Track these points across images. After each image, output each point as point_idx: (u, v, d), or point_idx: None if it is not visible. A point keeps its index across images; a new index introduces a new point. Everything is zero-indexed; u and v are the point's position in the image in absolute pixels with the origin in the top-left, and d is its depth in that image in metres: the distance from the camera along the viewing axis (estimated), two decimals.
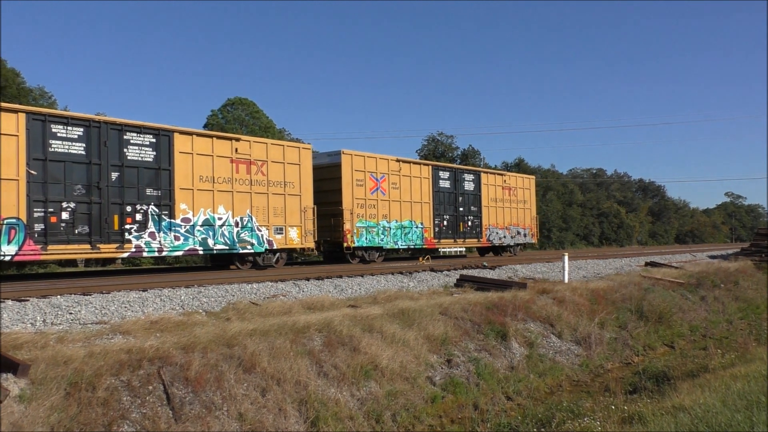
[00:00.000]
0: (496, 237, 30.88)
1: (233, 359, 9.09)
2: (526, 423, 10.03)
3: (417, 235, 26.00)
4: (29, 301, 11.40)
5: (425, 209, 26.60)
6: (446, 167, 28.61)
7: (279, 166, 20.53)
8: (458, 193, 28.60)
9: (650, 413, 8.60)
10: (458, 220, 28.51)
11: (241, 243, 19.25)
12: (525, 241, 33.35)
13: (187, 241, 17.85)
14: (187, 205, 17.93)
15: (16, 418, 6.68)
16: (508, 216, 32.01)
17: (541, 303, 16.05)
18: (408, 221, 25.58)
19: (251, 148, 19.80)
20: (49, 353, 7.98)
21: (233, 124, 46.08)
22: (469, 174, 29.67)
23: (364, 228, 23.47)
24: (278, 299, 13.81)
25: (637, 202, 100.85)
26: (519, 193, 32.97)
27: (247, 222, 19.46)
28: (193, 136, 18.25)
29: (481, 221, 29.96)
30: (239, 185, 19.36)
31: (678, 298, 20.73)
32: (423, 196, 26.51)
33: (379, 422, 9.57)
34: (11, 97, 30.99)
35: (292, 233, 20.78)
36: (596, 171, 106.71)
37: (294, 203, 20.91)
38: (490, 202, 30.65)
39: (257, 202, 19.81)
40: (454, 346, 12.46)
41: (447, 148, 63.40)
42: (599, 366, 14.50)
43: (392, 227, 24.79)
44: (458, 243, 28.81)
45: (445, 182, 27.93)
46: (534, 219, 34.31)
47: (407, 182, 25.69)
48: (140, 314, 11.41)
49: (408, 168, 25.94)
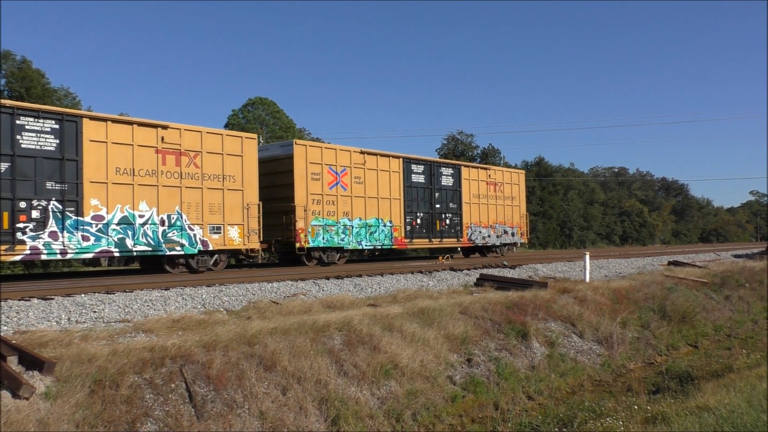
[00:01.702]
0: (478, 236, 28.51)
1: (254, 358, 9.15)
2: (547, 423, 9.97)
3: (385, 234, 23.70)
4: (54, 300, 11.57)
5: (395, 206, 24.29)
6: (420, 160, 25.95)
7: (216, 158, 18.35)
8: (434, 189, 26.21)
9: (674, 413, 8.51)
10: (434, 218, 26.14)
11: (169, 244, 17.11)
12: (513, 240, 31.12)
13: (99, 242, 15.67)
14: (99, 201, 15.76)
15: (42, 415, 6.78)
16: (494, 213, 29.66)
17: (562, 302, 15.93)
18: (374, 219, 23.30)
19: (182, 136, 17.58)
20: (74, 351, 8.08)
21: (254, 124, 46.35)
22: (446, 168, 27.24)
23: (321, 226, 21.21)
24: (298, 298, 13.87)
25: (659, 201, 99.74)
26: (506, 188, 30.67)
27: (175, 220, 17.29)
28: (107, 123, 16.06)
29: (462, 219, 27.57)
30: (166, 179, 17.16)
31: (702, 298, 20.46)
32: (392, 192, 24.20)
33: (400, 421, 9.56)
34: (36, 97, 31.43)
35: (233, 233, 18.66)
36: (618, 169, 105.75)
37: (235, 199, 18.74)
38: (472, 199, 28.26)
39: (189, 198, 17.64)
40: (474, 345, 12.42)
41: (467, 147, 63.18)
42: (621, 366, 14.36)
43: (355, 226, 22.48)
44: (434, 243, 26.47)
45: (419, 176, 25.55)
46: (524, 217, 32.16)
47: (373, 176, 23.37)
48: (162, 313, 11.52)
49: (374, 161, 23.56)
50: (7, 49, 33.78)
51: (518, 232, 31.39)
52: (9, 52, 33.50)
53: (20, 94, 31.90)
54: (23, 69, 33.32)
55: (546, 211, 65.41)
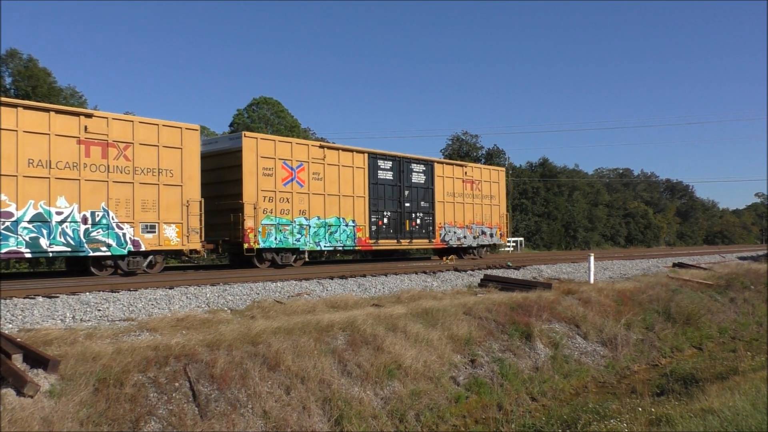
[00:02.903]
0: (453, 237, 26.91)
1: (258, 357, 9.15)
2: (551, 424, 9.95)
3: (347, 234, 22.16)
4: (59, 298, 11.60)
5: (359, 204, 22.73)
6: (387, 156, 24.27)
7: (151, 150, 16.74)
8: (404, 186, 24.63)
9: (678, 415, 8.49)
10: (403, 217, 24.52)
11: (93, 244, 15.50)
12: (492, 241, 29.55)
13: (6, 242, 14.08)
14: (7, 196, 14.24)
15: (46, 413, 6.80)
16: (470, 213, 28.00)
17: (566, 303, 15.90)
18: (334, 218, 21.77)
19: (109, 126, 15.96)
20: (78, 349, 8.10)
21: (258, 124, 46.42)
22: (417, 164, 25.49)
23: (273, 226, 19.68)
24: (302, 298, 13.87)
25: (664, 203, 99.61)
26: (484, 187, 28.93)
27: (101, 218, 15.70)
28: (18, 109, 14.53)
29: (434, 219, 25.97)
30: (90, 172, 15.55)
31: (706, 300, 20.40)
32: (356, 189, 22.64)
33: (403, 422, 9.56)
34: (42, 96, 31.55)
35: (170, 232, 17.05)
36: (623, 171, 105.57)
37: (172, 195, 17.12)
38: (447, 197, 26.68)
39: (117, 194, 16.03)
40: (478, 346, 12.41)
41: (471, 147, 63.17)
42: (625, 367, 14.33)
43: (312, 225, 20.91)
44: (402, 244, 24.85)
45: (387, 173, 23.99)
46: (504, 217, 30.37)
47: (335, 172, 21.86)
48: (167, 311, 11.54)
49: (335, 156, 22.05)
50: (13, 48, 33.91)
51: (497, 233, 29.81)
52: (15, 51, 33.64)
53: (26, 93, 32.02)
54: (30, 68, 33.44)
55: (551, 212, 65.33)
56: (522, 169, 68.22)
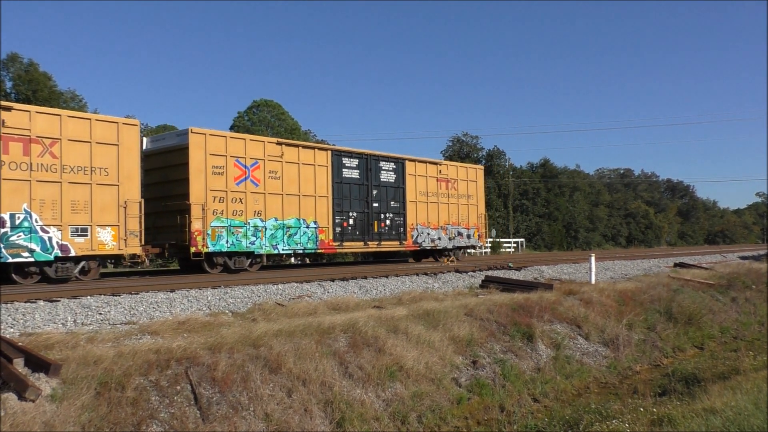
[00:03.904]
0: (426, 239, 25.54)
1: (259, 360, 9.16)
2: (553, 425, 9.95)
3: (308, 236, 20.88)
4: (60, 302, 11.60)
5: (322, 205, 21.46)
6: (353, 153, 23.02)
7: (82, 147, 15.45)
8: (371, 185, 23.29)
9: (680, 415, 8.49)
10: (371, 218, 23.21)
11: (12, 249, 14.18)
12: (469, 243, 27.99)
13: None
14: None
15: (48, 417, 6.81)
16: (445, 213, 26.57)
17: (567, 304, 15.90)
18: (294, 219, 20.48)
19: (32, 120, 14.70)
20: (80, 353, 8.11)
21: (259, 126, 46.47)
22: (387, 162, 24.12)
23: (224, 228, 18.40)
24: (303, 300, 13.87)
25: (665, 203, 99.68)
26: (461, 186, 27.43)
27: (22, 220, 14.46)
28: None
29: (406, 220, 24.61)
30: (10, 170, 14.36)
31: (708, 300, 20.40)
32: (318, 189, 21.37)
33: (405, 423, 9.56)
34: (43, 100, 31.61)
35: (104, 235, 15.69)
36: (624, 171, 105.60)
37: (108, 196, 15.82)
38: (419, 197, 25.29)
39: (42, 194, 14.78)
40: (479, 347, 12.41)
41: (472, 148, 63.21)
42: (627, 368, 14.32)
43: (269, 227, 19.63)
44: (370, 246, 23.39)
45: (353, 171, 22.72)
46: (482, 217, 28.72)
47: (294, 171, 20.58)
48: (168, 315, 11.54)
49: (294, 153, 20.77)
50: (14, 52, 34.01)
51: (475, 234, 28.23)
52: (16, 55, 33.73)
53: (27, 97, 32.08)
54: (30, 72, 33.51)
55: (551, 212, 65.37)
56: (523, 170, 68.26)
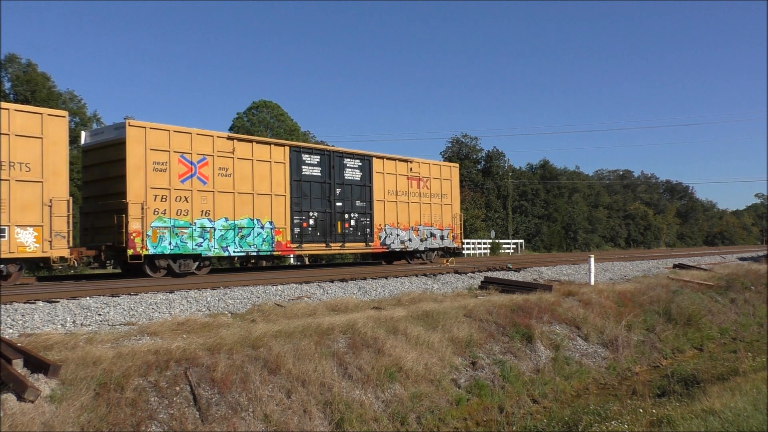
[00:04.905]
0: (395, 240, 24.25)
1: (258, 360, 9.15)
2: (552, 426, 9.95)
3: (263, 238, 19.67)
4: (59, 303, 11.59)
5: (278, 204, 20.25)
6: (314, 149, 22.07)
7: None
8: (334, 184, 22.13)
9: (679, 417, 8.49)
10: (334, 218, 22.06)
11: None
12: (443, 245, 26.58)
13: None
14: None
15: (47, 417, 6.80)
16: (417, 214, 25.28)
17: (566, 305, 15.90)
18: (247, 219, 19.28)
19: None
20: (79, 354, 8.10)
21: (258, 127, 46.45)
22: (352, 159, 22.93)
23: (167, 229, 17.14)
24: (303, 301, 13.87)
25: (664, 204, 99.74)
26: (434, 185, 26.17)
27: None
28: None
29: (372, 220, 23.39)
30: None
31: (707, 301, 20.40)
32: (275, 187, 20.18)
33: (404, 424, 9.55)
34: (41, 100, 31.55)
35: (25, 236, 14.50)
36: (623, 172, 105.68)
37: (30, 193, 14.64)
38: (388, 196, 24.06)
39: None
40: (478, 348, 12.40)
41: (471, 149, 63.22)
42: (626, 369, 14.32)
43: (218, 228, 18.41)
44: (333, 248, 22.30)
45: (313, 169, 21.52)
46: (456, 217, 27.42)
47: (247, 167, 19.39)
48: (167, 315, 11.54)
49: (248, 149, 19.53)
50: (12, 53, 33.95)
51: (449, 235, 26.96)
52: (14, 56, 33.68)
53: (25, 98, 32.04)
54: (28, 72, 33.47)
55: (551, 214, 65.38)
56: (522, 171, 68.28)
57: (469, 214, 50.13)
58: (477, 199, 55.10)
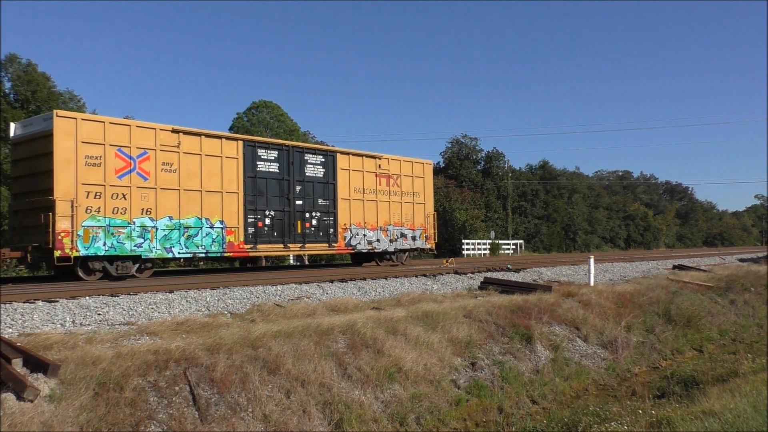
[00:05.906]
0: (362, 241, 23.03)
1: (258, 361, 9.15)
2: (551, 427, 9.94)
3: (212, 238, 18.45)
4: (59, 302, 11.58)
5: (230, 202, 19.03)
6: (271, 144, 20.75)
7: None
8: (294, 181, 20.93)
9: (679, 418, 8.48)
10: (293, 217, 20.86)
11: None
12: (414, 245, 25.26)
13: None
14: None
15: (46, 417, 6.79)
16: (386, 213, 23.96)
17: (566, 306, 15.89)
18: (194, 218, 18.03)
19: None
20: (78, 354, 8.10)
21: (258, 127, 46.44)
22: (314, 155, 21.72)
23: (101, 228, 15.93)
24: (302, 301, 13.87)
25: (663, 205, 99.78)
26: (405, 182, 24.81)
27: None
28: None
29: (336, 219, 22.19)
30: None
31: (707, 302, 20.39)
32: (227, 184, 18.95)
33: (404, 425, 9.55)
34: (41, 101, 31.54)
35: None
36: (623, 173, 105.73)
37: None
38: (354, 194, 22.81)
39: None
40: (478, 349, 12.40)
41: (471, 150, 63.22)
42: (626, 370, 14.32)
43: (161, 227, 17.20)
44: (292, 249, 21.08)
45: (270, 165, 20.28)
46: (430, 216, 26.06)
47: (195, 163, 18.13)
48: (167, 315, 11.53)
49: (196, 143, 18.28)
50: (12, 53, 33.92)
51: (422, 235, 25.58)
52: (15, 56, 33.64)
53: (26, 98, 32.03)
54: (29, 72, 33.46)
55: (550, 214, 65.40)
56: (522, 172, 68.30)
57: (468, 214, 50.15)
58: (477, 199, 55.11)
